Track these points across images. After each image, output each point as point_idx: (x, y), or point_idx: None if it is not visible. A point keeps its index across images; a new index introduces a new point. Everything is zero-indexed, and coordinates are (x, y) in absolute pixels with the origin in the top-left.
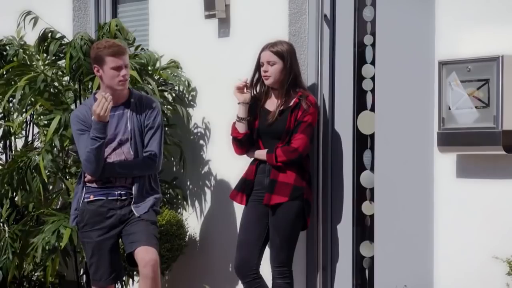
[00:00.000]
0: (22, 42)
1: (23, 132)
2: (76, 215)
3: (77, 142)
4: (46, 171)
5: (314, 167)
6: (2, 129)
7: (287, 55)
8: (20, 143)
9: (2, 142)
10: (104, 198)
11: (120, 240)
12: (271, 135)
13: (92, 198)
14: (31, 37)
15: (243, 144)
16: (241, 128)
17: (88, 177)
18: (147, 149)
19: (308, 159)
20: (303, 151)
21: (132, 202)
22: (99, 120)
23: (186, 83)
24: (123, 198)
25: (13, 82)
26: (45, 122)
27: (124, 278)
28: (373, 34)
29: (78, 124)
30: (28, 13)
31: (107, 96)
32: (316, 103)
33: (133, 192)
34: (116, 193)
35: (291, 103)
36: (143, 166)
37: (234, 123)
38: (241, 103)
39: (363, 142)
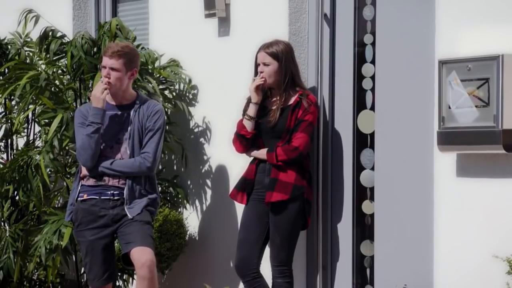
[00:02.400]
0: (28, 39)
1: (25, 130)
2: (71, 210)
3: (76, 134)
4: (47, 170)
5: (314, 166)
6: (3, 127)
7: (281, 56)
8: (22, 142)
9: (3, 141)
10: (97, 197)
11: (116, 240)
12: (272, 134)
13: (85, 197)
14: (33, 35)
15: (248, 142)
16: (250, 126)
17: (83, 172)
18: (143, 150)
19: (309, 158)
20: (304, 150)
21: (125, 203)
22: (95, 106)
23: (187, 79)
24: (116, 198)
25: (13, 81)
26: (46, 120)
27: (125, 277)
28: (373, 33)
29: (80, 118)
30: (30, 11)
31: (104, 79)
32: (317, 102)
33: (125, 193)
34: (109, 192)
35: (292, 102)
36: (136, 166)
37: (241, 121)
38: (254, 103)
39: (363, 141)
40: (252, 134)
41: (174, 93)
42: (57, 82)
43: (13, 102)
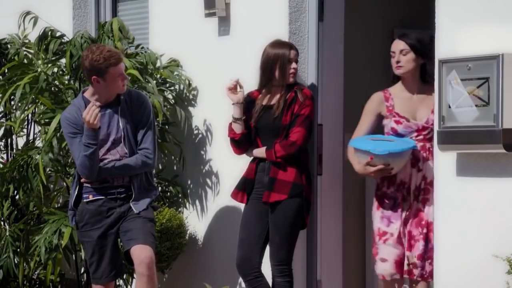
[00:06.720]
0: (27, 41)
1: (24, 130)
2: (72, 214)
3: (70, 146)
4: (47, 170)
5: (314, 165)
6: (3, 128)
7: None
8: (21, 141)
9: (3, 140)
10: (104, 197)
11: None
12: (270, 133)
13: (91, 198)
14: (33, 36)
15: (241, 144)
16: (238, 128)
17: (85, 179)
18: (141, 146)
19: (308, 156)
20: (302, 144)
21: (132, 200)
22: (89, 127)
23: (187, 82)
24: (122, 196)
25: (12, 82)
26: (46, 120)
27: (125, 276)
28: None
29: (69, 127)
30: (28, 13)
31: (96, 103)
32: (312, 96)
33: (133, 190)
34: (115, 191)
35: (287, 97)
36: (139, 165)
37: (230, 124)
38: (235, 103)
39: None
40: (241, 136)
41: (174, 93)
42: (56, 82)
43: (12, 103)
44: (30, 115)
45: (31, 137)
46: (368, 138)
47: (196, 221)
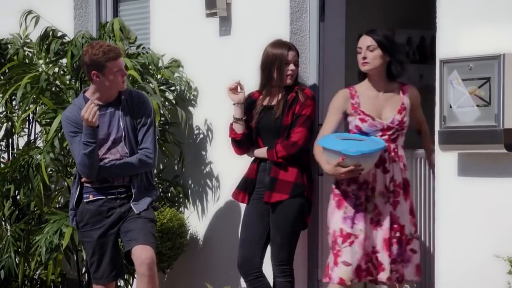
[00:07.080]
0: (28, 40)
1: (25, 130)
2: (73, 215)
3: (70, 145)
4: (48, 170)
5: (315, 165)
6: (4, 127)
7: None
8: (22, 141)
9: (4, 140)
10: (104, 197)
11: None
12: (271, 133)
13: (91, 198)
14: (34, 36)
15: (242, 144)
16: (239, 128)
17: (85, 178)
18: (142, 146)
19: (309, 157)
20: (303, 144)
21: (132, 200)
22: (88, 126)
23: (187, 84)
24: (122, 196)
25: (13, 81)
26: (47, 120)
27: (125, 277)
28: None
29: (70, 126)
30: (29, 12)
31: (95, 101)
32: (313, 96)
33: (133, 190)
34: (115, 191)
35: (288, 97)
36: (139, 165)
37: (232, 124)
38: (236, 104)
39: None
40: (242, 136)
41: (175, 93)
42: (57, 82)
43: (14, 102)
44: (31, 115)
45: (32, 137)
46: (337, 137)
47: (197, 221)
